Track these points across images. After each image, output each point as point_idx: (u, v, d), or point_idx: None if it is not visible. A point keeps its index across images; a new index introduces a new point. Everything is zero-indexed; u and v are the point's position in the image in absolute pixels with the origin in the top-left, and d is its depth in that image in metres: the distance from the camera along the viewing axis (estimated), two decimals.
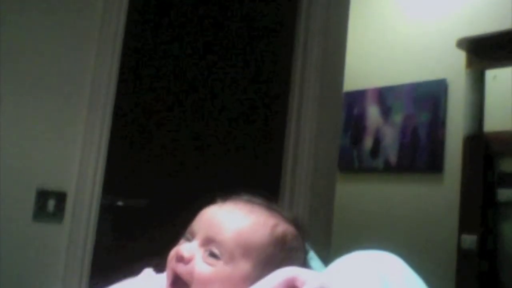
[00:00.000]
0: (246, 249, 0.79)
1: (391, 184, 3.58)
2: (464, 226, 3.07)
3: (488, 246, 3.03)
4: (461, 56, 3.25)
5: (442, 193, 3.31)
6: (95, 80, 2.01)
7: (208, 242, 0.80)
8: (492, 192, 3.08)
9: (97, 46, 2.02)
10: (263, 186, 0.96)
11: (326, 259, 0.93)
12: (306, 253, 0.88)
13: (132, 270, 0.96)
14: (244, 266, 0.78)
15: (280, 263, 0.79)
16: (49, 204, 1.89)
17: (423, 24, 3.60)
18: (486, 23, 3.21)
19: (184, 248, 0.80)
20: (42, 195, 1.88)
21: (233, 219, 0.81)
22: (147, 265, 0.91)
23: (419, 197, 3.41)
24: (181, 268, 0.79)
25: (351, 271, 0.80)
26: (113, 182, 2.08)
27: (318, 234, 2.49)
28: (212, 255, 0.79)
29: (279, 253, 0.81)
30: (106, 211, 2.07)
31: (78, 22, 2.00)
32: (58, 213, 1.91)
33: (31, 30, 1.91)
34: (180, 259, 0.79)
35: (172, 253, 0.82)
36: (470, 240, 3.01)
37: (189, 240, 0.83)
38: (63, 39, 1.97)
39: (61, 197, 1.92)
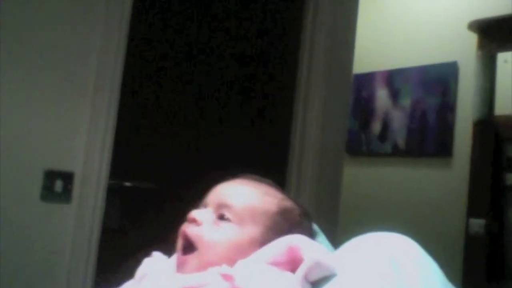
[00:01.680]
0: (254, 214, 0.82)
1: (400, 168, 3.57)
2: (473, 210, 3.05)
3: (496, 231, 3.02)
4: (472, 39, 3.20)
5: (451, 178, 3.29)
6: (101, 60, 2.00)
7: (219, 207, 0.83)
8: (501, 176, 3.06)
9: (103, 27, 2.01)
10: (270, 169, 0.96)
11: (333, 243, 0.93)
12: (313, 235, 0.90)
13: (138, 252, 0.96)
14: (252, 230, 0.81)
15: (287, 233, 0.80)
16: (57, 184, 1.89)
17: (434, 5, 3.55)
18: (499, 6, 3.16)
19: (197, 212, 0.83)
20: (50, 175, 1.88)
21: (244, 188, 0.85)
22: (155, 248, 0.91)
23: (428, 181, 3.39)
24: (191, 229, 0.81)
25: (362, 252, 0.80)
26: (120, 165, 2.08)
27: (325, 218, 2.48)
28: (222, 218, 0.81)
29: (285, 223, 0.84)
30: (114, 192, 2.07)
31: (84, 1, 1.98)
32: (66, 193, 1.92)
33: (37, 12, 1.89)
34: (192, 220, 0.81)
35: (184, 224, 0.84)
36: (478, 224, 3.00)
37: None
38: (69, 22, 1.95)
39: (68, 177, 1.92)
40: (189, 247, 0.80)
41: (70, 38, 1.95)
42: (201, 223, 0.81)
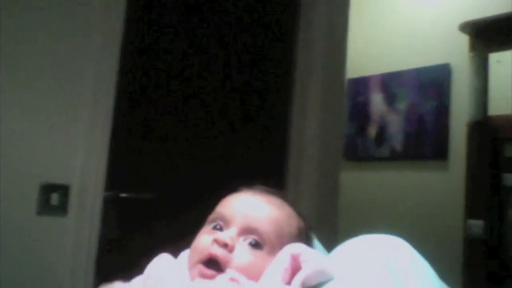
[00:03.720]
0: (282, 239, 0.82)
1: (397, 172, 3.57)
2: (470, 212, 3.05)
3: (495, 232, 3.02)
4: (464, 40, 3.22)
5: (448, 180, 3.30)
6: (98, 72, 2.00)
7: (248, 231, 0.82)
8: (498, 177, 3.06)
9: (100, 39, 2.01)
10: (268, 175, 0.96)
11: (332, 247, 0.93)
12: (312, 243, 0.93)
13: (137, 262, 0.95)
14: None
15: None
16: (53, 198, 1.89)
17: (426, 8, 3.57)
18: (489, 6, 3.18)
19: (224, 235, 0.81)
20: (46, 189, 1.87)
21: (271, 210, 0.84)
22: (162, 251, 0.91)
23: (425, 184, 3.40)
24: (221, 253, 0.79)
25: (357, 255, 0.81)
26: (117, 177, 2.07)
27: (324, 223, 2.48)
28: (254, 245, 0.81)
29: (303, 242, 0.84)
30: (111, 203, 2.07)
31: (80, 13, 1.99)
32: (62, 206, 1.91)
33: (33, 22, 1.89)
34: (224, 245, 0.80)
35: (205, 240, 0.82)
36: (476, 226, 3.00)
37: (218, 226, 0.84)
38: (65, 35, 1.95)
39: (64, 190, 1.91)
40: (213, 265, 0.79)
41: (66, 51, 1.95)
42: (232, 248, 0.80)
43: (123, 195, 2.15)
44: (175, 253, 0.93)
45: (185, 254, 0.90)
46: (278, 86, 2.62)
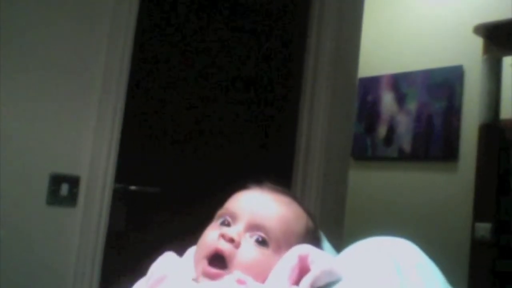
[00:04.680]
0: (289, 238, 0.82)
1: (405, 173, 3.56)
2: (478, 214, 3.04)
3: (502, 235, 3.01)
4: (478, 43, 3.20)
5: (457, 182, 3.29)
6: (108, 63, 2.00)
7: (254, 228, 0.81)
8: (507, 180, 3.05)
9: (110, 30, 2.01)
10: (275, 174, 0.96)
11: (339, 247, 0.93)
12: (321, 244, 0.92)
13: (143, 255, 0.96)
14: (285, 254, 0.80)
15: None
16: (63, 188, 1.90)
17: (440, 9, 3.55)
18: (504, 9, 3.16)
19: (231, 231, 0.81)
20: (56, 179, 1.89)
21: (279, 208, 0.84)
22: (160, 252, 0.91)
23: (434, 185, 3.39)
24: (227, 248, 0.79)
25: (365, 257, 0.81)
26: (126, 169, 2.08)
27: (330, 222, 2.48)
28: (260, 242, 0.80)
29: (310, 242, 0.83)
30: (120, 196, 2.08)
31: (91, 5, 1.99)
32: (72, 197, 1.92)
33: (43, 16, 1.90)
34: (230, 240, 0.79)
35: (212, 235, 0.82)
36: (484, 228, 2.99)
37: (226, 222, 0.84)
38: (75, 26, 1.96)
39: (74, 181, 1.93)
40: (218, 260, 0.79)
41: (76, 42, 1.96)
42: (238, 244, 0.79)
43: (133, 188, 2.16)
44: (181, 248, 0.93)
45: (191, 252, 0.90)
46: (288, 84, 2.61)
